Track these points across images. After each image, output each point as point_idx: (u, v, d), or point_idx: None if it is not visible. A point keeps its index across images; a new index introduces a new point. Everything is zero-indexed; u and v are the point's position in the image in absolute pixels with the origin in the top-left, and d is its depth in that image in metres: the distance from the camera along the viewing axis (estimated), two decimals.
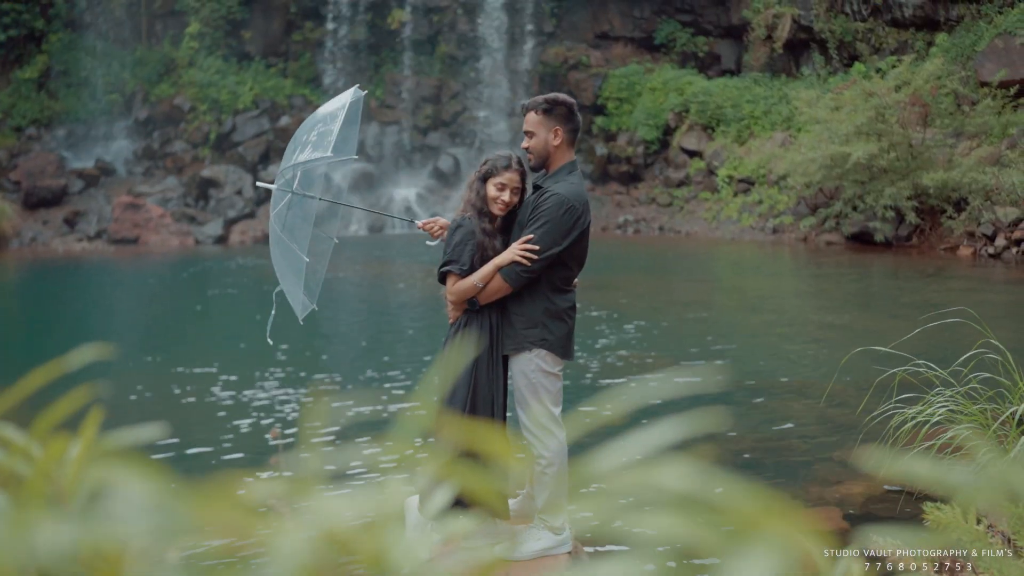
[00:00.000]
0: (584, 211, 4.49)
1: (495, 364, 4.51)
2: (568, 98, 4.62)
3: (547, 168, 4.59)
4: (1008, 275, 16.17)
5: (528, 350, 4.47)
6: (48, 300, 16.45)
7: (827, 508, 5.92)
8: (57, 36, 26.62)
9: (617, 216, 24.53)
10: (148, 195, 24.85)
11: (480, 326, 4.48)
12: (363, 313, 14.83)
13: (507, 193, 4.49)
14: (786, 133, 23.29)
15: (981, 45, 21.05)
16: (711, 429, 0.69)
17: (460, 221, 4.51)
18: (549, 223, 4.37)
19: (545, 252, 4.37)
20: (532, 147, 4.54)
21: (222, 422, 7.85)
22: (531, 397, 4.48)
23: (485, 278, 4.39)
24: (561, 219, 4.38)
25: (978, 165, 18.42)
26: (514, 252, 4.36)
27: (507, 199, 4.49)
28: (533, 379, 4.47)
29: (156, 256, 21.57)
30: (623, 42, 27.71)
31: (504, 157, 4.55)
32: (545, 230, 4.37)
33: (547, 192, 4.44)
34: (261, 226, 24.03)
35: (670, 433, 0.65)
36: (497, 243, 4.48)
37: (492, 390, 4.48)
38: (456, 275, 4.43)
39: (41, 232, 23.65)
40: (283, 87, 27.01)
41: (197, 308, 15.41)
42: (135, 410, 8.52)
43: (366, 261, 20.61)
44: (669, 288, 16.19)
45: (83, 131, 26.82)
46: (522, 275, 4.40)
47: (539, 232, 4.37)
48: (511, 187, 4.50)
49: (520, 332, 4.48)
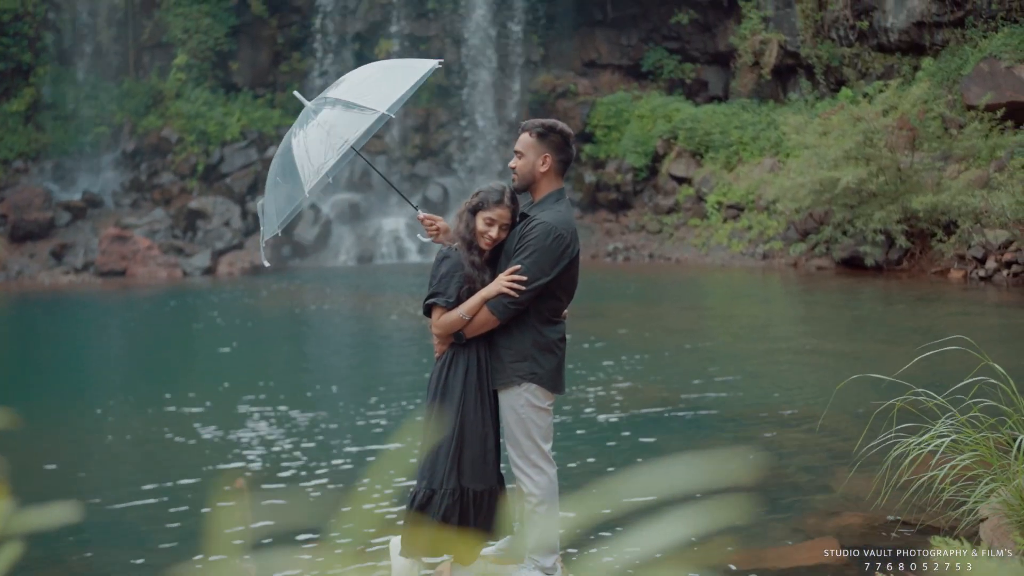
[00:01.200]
0: (572, 239, 4.37)
1: (484, 399, 4.39)
2: (565, 128, 4.52)
3: (533, 195, 4.49)
4: (1000, 298, 16.13)
5: (517, 384, 4.34)
6: (31, 334, 16.27)
7: (825, 539, 5.80)
8: (45, 69, 26.56)
9: (607, 244, 24.48)
10: (135, 227, 24.71)
11: (467, 360, 4.36)
12: (350, 347, 14.69)
13: (495, 229, 4.38)
14: (775, 159, 23.32)
15: (967, 69, 21.15)
16: (728, 523, 0.59)
17: (447, 252, 4.41)
18: (536, 252, 4.25)
19: (533, 282, 4.24)
20: (518, 168, 4.44)
21: (194, 464, 7.67)
22: (520, 433, 4.35)
23: (471, 311, 4.27)
24: (549, 248, 4.26)
25: (967, 188, 18.44)
26: (501, 283, 4.24)
27: (495, 235, 4.38)
28: (522, 414, 4.34)
29: (143, 288, 21.41)
30: (611, 70, 27.79)
31: (496, 191, 4.44)
32: (533, 260, 4.25)
33: (534, 220, 4.33)
34: (249, 257, 23.90)
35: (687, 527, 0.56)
36: (486, 276, 4.37)
37: (483, 426, 4.36)
38: (442, 308, 4.31)
39: (28, 265, 23.48)
40: (271, 118, 26.98)
41: (180, 341, 15.23)
42: (108, 453, 8.36)
43: (356, 292, 20.49)
44: (663, 316, 16.10)
45: (70, 164, 26.71)
46: (509, 307, 4.27)
47: (526, 262, 4.25)
48: (500, 223, 4.39)
49: (508, 366, 4.36)
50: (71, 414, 9.67)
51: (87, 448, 8.42)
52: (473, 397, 4.34)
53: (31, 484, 7.06)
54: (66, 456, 8.08)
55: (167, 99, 26.66)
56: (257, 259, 23.54)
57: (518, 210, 4.47)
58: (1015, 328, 13.41)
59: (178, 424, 8.87)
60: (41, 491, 6.85)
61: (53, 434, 8.72)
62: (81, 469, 7.75)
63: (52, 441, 8.45)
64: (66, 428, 9.10)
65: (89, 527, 6.13)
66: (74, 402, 10.30)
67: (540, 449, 4.34)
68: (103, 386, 11.53)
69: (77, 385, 11.49)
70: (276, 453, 7.76)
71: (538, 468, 4.34)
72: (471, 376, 4.34)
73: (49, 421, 9.17)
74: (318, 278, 22.29)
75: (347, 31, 27.54)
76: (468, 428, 4.32)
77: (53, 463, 7.75)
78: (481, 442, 4.33)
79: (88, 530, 6.08)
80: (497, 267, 4.41)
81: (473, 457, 4.31)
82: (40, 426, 8.83)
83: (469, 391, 4.33)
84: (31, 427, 8.64)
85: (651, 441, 8.02)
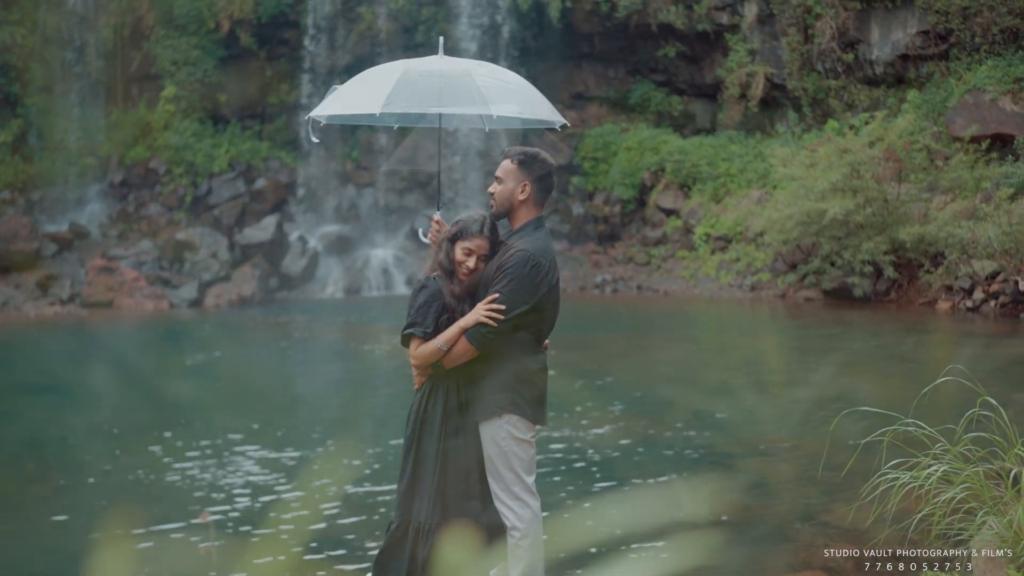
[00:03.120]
0: (551, 267, 4.33)
1: (465, 431, 4.32)
2: (547, 158, 4.50)
3: (512, 223, 4.45)
4: (987, 328, 16.18)
5: (498, 416, 4.27)
6: (10, 367, 16.13)
7: (813, 572, 5.76)
8: (32, 100, 26.54)
9: (595, 276, 24.47)
10: (122, 258, 24.57)
11: (446, 391, 4.30)
12: (335, 381, 14.55)
13: (473, 259, 4.33)
14: (762, 190, 23.39)
15: (952, 101, 21.33)
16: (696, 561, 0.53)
17: (424, 282, 4.36)
18: (514, 281, 4.20)
19: (511, 311, 4.19)
20: (497, 194, 4.42)
21: (178, 502, 7.55)
22: (502, 466, 4.27)
23: (449, 341, 4.21)
24: (527, 276, 4.21)
25: (954, 219, 18.52)
26: (479, 313, 4.19)
27: (472, 265, 4.34)
28: (504, 447, 4.26)
29: (129, 320, 21.29)
30: (598, 102, 27.92)
31: (476, 221, 4.41)
32: (511, 288, 4.20)
33: (512, 249, 4.29)
34: (237, 289, 23.78)
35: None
36: (465, 307, 4.32)
37: (465, 459, 4.29)
38: (420, 339, 4.25)
39: (13, 296, 23.30)
40: (259, 149, 26.97)
41: (160, 375, 15.10)
42: (91, 490, 8.24)
43: (343, 325, 20.42)
44: (651, 348, 16.04)
45: (57, 194, 26.62)
46: (488, 336, 4.21)
47: (505, 291, 4.20)
48: (478, 253, 4.34)
49: (488, 397, 4.28)
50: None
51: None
52: (454, 428, 4.28)
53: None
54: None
55: (155, 130, 26.63)
56: (245, 291, 23.44)
57: (497, 240, 4.44)
58: (1004, 358, 13.42)
59: (142, 458, 8.76)
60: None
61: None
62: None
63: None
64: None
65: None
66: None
67: (523, 482, 4.27)
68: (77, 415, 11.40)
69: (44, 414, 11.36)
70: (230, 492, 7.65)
71: (521, 501, 4.27)
72: (451, 407, 4.28)
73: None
74: (305, 311, 22.21)
75: (336, 64, 27.63)
76: (451, 460, 4.25)
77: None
78: (464, 475, 4.27)
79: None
80: (476, 297, 4.37)
81: (456, 489, 4.25)
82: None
83: (449, 422, 4.27)
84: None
85: (639, 471, 7.94)
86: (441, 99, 4.51)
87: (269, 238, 25.05)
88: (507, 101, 4.57)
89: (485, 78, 4.63)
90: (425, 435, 4.26)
